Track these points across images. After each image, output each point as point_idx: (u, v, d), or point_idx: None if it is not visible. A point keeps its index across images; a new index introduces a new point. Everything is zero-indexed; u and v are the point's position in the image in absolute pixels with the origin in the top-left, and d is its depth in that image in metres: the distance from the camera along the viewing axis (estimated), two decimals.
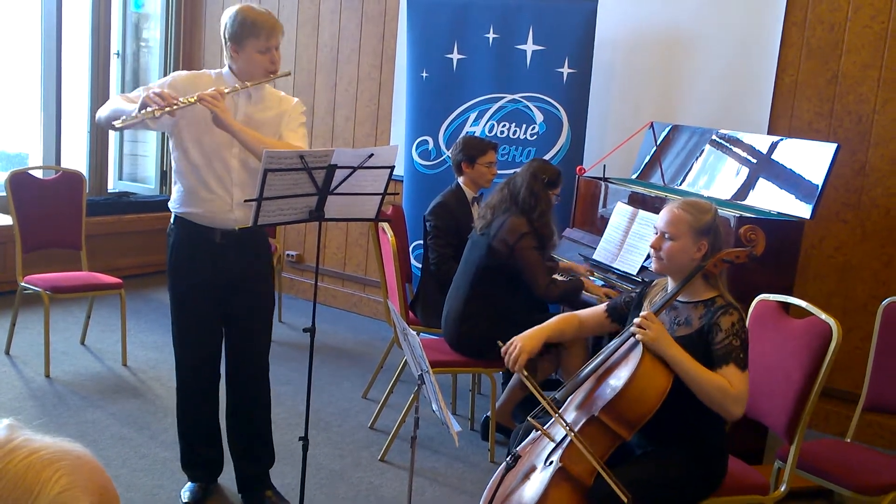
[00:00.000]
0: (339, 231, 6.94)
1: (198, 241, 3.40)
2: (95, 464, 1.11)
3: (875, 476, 3.27)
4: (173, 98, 3.10)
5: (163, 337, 5.74)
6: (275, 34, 3.30)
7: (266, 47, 3.28)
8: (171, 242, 3.48)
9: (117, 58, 7.42)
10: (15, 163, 7.38)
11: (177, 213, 3.45)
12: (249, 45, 3.27)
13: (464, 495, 3.95)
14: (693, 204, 2.89)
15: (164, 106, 3.07)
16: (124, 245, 7.06)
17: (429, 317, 4.76)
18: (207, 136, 3.29)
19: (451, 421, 2.74)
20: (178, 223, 3.46)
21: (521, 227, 4.18)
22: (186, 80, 3.35)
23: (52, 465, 1.05)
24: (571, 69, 5.31)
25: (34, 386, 4.75)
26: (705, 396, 2.69)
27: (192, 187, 3.36)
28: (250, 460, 3.65)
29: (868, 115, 4.76)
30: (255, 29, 3.25)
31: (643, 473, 2.78)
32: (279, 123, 3.39)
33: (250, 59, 3.29)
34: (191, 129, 3.32)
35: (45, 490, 1.03)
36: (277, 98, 3.46)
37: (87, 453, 1.11)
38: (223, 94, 3.17)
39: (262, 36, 3.26)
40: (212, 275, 3.41)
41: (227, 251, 3.39)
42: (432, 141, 5.77)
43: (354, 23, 6.70)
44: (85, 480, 1.07)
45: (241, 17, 3.26)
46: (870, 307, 4.65)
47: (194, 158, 3.33)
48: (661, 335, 2.73)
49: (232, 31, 3.28)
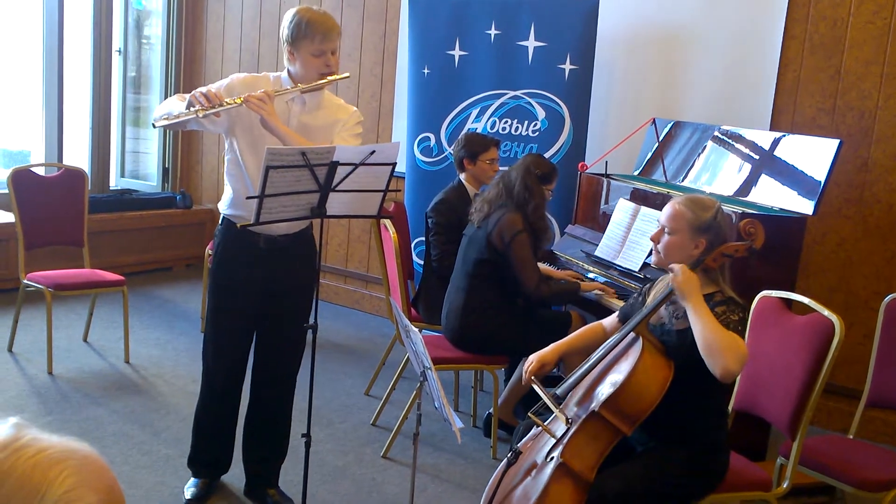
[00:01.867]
0: (341, 228, 6.94)
1: (242, 244, 3.38)
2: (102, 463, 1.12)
3: (878, 472, 3.27)
4: (219, 98, 3.09)
5: (165, 334, 5.75)
6: (330, 37, 3.23)
7: (320, 50, 3.22)
8: (217, 243, 3.47)
9: (119, 55, 7.42)
10: (17, 160, 7.39)
11: (225, 216, 3.44)
12: (304, 47, 3.22)
13: (466, 492, 3.95)
14: (695, 201, 2.89)
15: (208, 106, 3.05)
16: (127, 242, 7.06)
17: (431, 314, 4.76)
18: (261, 141, 3.24)
19: (453, 418, 2.74)
20: (225, 225, 3.45)
21: (516, 225, 4.17)
22: (244, 83, 3.31)
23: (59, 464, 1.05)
24: (573, 65, 5.30)
25: (37, 383, 4.75)
26: (711, 344, 2.61)
27: (241, 192, 3.34)
28: (262, 460, 3.65)
29: (871, 111, 4.75)
30: (310, 31, 3.20)
31: (644, 469, 2.78)
32: (332, 131, 3.35)
33: (305, 61, 3.24)
34: (245, 134, 3.30)
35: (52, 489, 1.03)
36: (335, 106, 3.42)
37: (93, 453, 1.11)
38: (271, 97, 3.13)
39: (317, 39, 3.20)
40: (252, 278, 3.39)
41: (270, 257, 3.38)
42: (434, 138, 5.77)
43: (356, 20, 6.70)
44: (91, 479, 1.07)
45: (297, 18, 3.23)
46: (872, 303, 4.64)
47: (246, 163, 3.31)
48: (689, 280, 2.71)
49: (288, 33, 3.24)
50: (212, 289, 3.51)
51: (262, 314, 3.47)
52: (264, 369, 3.58)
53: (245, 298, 3.42)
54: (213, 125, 3.30)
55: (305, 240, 3.47)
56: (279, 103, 3.24)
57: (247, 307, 3.44)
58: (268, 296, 3.43)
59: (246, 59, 7.31)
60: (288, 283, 3.44)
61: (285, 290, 3.45)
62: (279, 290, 3.43)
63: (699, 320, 2.66)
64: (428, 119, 5.78)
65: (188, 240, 7.44)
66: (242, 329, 3.50)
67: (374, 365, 5.20)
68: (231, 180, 3.40)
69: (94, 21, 7.07)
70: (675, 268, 2.76)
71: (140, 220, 7.17)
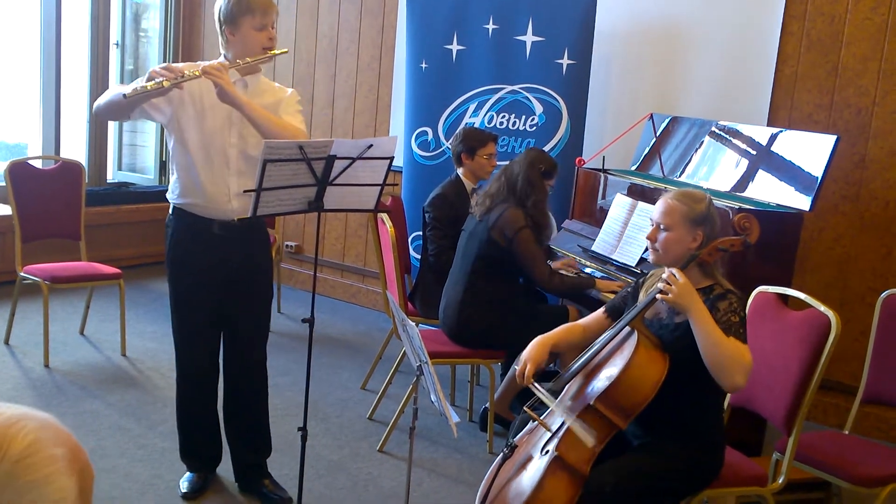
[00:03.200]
0: (338, 222, 6.94)
1: (196, 232, 3.39)
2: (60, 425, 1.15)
3: (873, 468, 3.27)
4: (179, 70, 3.09)
5: (162, 327, 5.74)
6: (270, 10, 3.27)
7: (262, 24, 3.25)
8: (170, 233, 3.47)
9: (117, 48, 7.41)
10: (14, 153, 7.38)
11: (175, 205, 3.43)
12: (245, 22, 3.23)
13: (462, 486, 3.96)
14: (687, 194, 2.89)
15: (171, 77, 3.05)
16: (123, 235, 7.06)
17: (428, 308, 4.76)
18: (205, 125, 3.28)
19: (449, 412, 2.74)
20: (176, 214, 3.45)
21: (519, 220, 4.18)
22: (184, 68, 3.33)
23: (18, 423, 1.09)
24: (571, 60, 5.30)
25: (33, 376, 4.75)
26: (718, 360, 2.64)
27: (190, 178, 3.34)
28: (247, 450, 3.66)
29: (868, 107, 4.75)
30: (251, 6, 3.22)
31: (640, 464, 2.78)
32: (277, 110, 3.36)
33: (247, 37, 3.25)
34: (188, 119, 3.31)
35: (13, 445, 1.06)
36: (274, 88, 3.45)
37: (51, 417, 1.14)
38: (226, 68, 3.16)
39: (258, 12, 3.23)
40: (210, 266, 3.40)
41: (225, 242, 3.39)
42: (431, 132, 5.76)
43: (354, 13, 6.69)
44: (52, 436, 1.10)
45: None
46: (868, 299, 4.65)
47: (191, 148, 3.31)
48: (684, 291, 2.71)
49: (226, 13, 3.26)
50: (171, 279, 3.51)
51: (223, 301, 3.48)
52: (233, 357, 3.59)
53: (205, 286, 3.43)
54: (157, 112, 3.29)
55: (258, 223, 3.46)
56: None
57: (208, 294, 3.45)
58: (226, 282, 3.43)
59: None
60: (245, 267, 3.46)
61: (243, 274, 3.45)
62: (237, 275, 3.44)
63: (701, 332, 2.67)
64: (425, 113, 5.78)
65: None
66: (206, 317, 3.50)
67: (370, 359, 5.20)
68: (177, 168, 3.38)
69: (91, 14, 7.05)
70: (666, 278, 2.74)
71: (137, 214, 7.17)
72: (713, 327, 2.66)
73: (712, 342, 2.64)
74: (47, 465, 1.08)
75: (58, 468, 1.09)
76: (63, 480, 1.09)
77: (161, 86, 3.05)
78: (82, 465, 1.13)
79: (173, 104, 3.30)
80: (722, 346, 2.64)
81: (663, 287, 2.73)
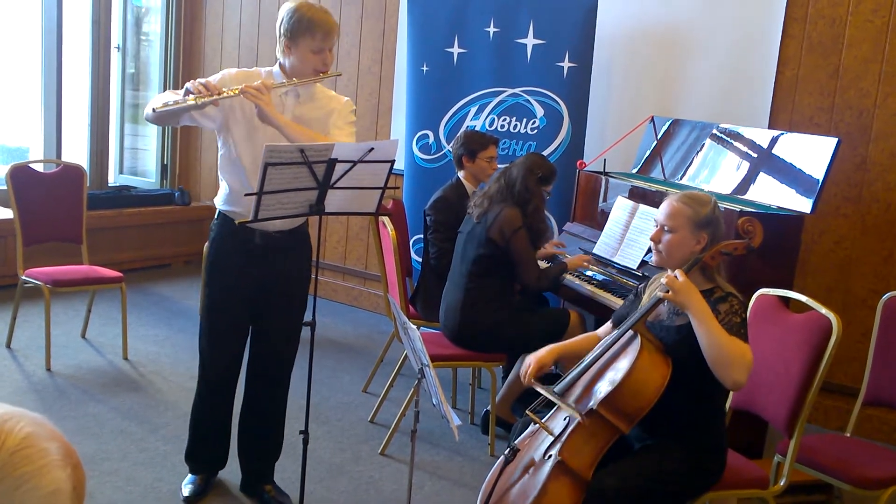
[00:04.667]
0: (339, 225, 6.94)
1: (237, 240, 3.38)
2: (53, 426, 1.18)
3: (874, 470, 3.27)
4: (217, 88, 3.10)
5: (163, 331, 5.75)
6: (331, 35, 3.25)
7: (320, 48, 3.23)
8: (212, 238, 3.47)
9: (118, 51, 7.42)
10: (16, 156, 7.38)
11: (220, 210, 3.44)
12: (304, 43, 3.22)
13: (463, 489, 3.96)
14: (692, 197, 2.89)
15: (206, 94, 3.06)
16: (125, 239, 7.06)
17: (429, 311, 4.77)
18: (256, 135, 3.27)
19: (451, 415, 2.74)
20: (220, 220, 3.45)
21: (516, 221, 4.19)
22: (236, 77, 3.31)
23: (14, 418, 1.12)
24: (572, 63, 5.30)
25: (35, 379, 4.75)
26: (720, 357, 2.64)
27: (236, 187, 3.35)
28: (257, 457, 3.66)
29: (869, 109, 4.75)
30: (312, 28, 3.20)
31: (642, 467, 2.78)
32: (327, 122, 3.35)
33: (303, 57, 3.25)
34: (239, 128, 3.31)
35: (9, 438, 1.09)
36: (327, 97, 3.43)
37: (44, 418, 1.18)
38: (269, 88, 3.15)
39: (318, 36, 3.21)
40: (247, 273, 3.39)
41: (265, 253, 3.38)
42: (433, 135, 5.77)
43: (355, 17, 6.70)
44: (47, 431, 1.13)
45: (298, 14, 3.22)
46: (869, 302, 4.65)
47: (241, 158, 3.32)
48: (685, 289, 2.71)
49: (287, 27, 3.24)
50: (207, 283, 3.51)
51: (256, 310, 3.48)
52: (259, 365, 3.58)
53: (240, 294, 3.43)
54: (206, 119, 3.30)
55: (300, 236, 3.48)
56: (273, 96, 3.24)
57: (242, 303, 3.45)
58: (263, 292, 3.43)
59: (244, 56, 7.30)
60: (283, 280, 3.45)
61: (280, 286, 3.45)
62: (274, 286, 3.43)
63: (703, 330, 2.66)
64: (426, 116, 5.78)
65: (186, 236, 7.44)
66: (237, 324, 3.50)
67: (371, 362, 5.20)
68: (226, 175, 3.40)
69: (93, 18, 7.06)
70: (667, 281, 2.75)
71: (138, 217, 7.17)
72: (715, 324, 2.66)
73: (714, 339, 2.64)
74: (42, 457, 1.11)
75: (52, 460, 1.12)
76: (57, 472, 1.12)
77: (195, 102, 3.06)
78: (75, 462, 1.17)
79: (224, 112, 3.29)
80: (724, 344, 2.64)
81: (666, 283, 2.74)
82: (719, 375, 2.67)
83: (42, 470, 1.09)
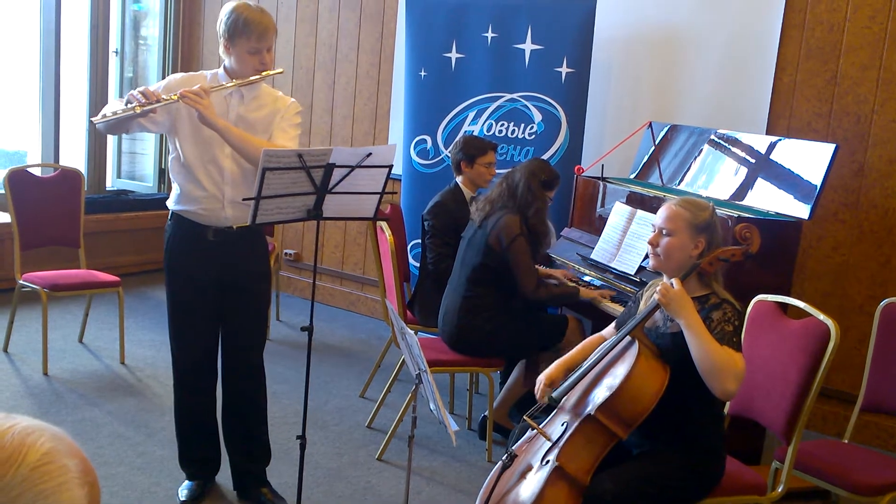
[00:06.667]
0: (337, 230, 6.94)
1: (192, 238, 3.42)
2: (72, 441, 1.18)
3: (872, 476, 3.27)
4: (157, 95, 3.13)
5: (160, 335, 5.74)
6: (266, 36, 3.27)
7: (256, 48, 3.26)
8: (167, 238, 3.51)
9: (116, 56, 7.42)
10: (14, 160, 7.38)
11: (173, 211, 3.47)
12: (240, 44, 3.25)
13: (461, 494, 3.95)
14: (691, 202, 2.89)
15: (145, 103, 3.09)
16: (122, 243, 7.06)
17: (426, 316, 4.76)
18: (201, 135, 3.30)
19: (448, 420, 2.74)
20: (174, 220, 3.49)
21: (514, 228, 4.18)
22: (180, 82, 3.35)
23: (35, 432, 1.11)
24: (570, 68, 5.31)
25: (32, 384, 4.75)
26: (709, 367, 2.64)
27: (186, 186, 3.38)
28: (246, 458, 3.66)
29: (867, 115, 4.76)
30: (247, 29, 3.22)
31: (640, 473, 2.78)
32: (271, 123, 3.38)
33: (240, 58, 3.28)
34: (185, 129, 3.34)
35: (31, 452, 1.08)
36: (273, 97, 3.45)
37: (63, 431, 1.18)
38: (207, 92, 3.16)
39: (253, 37, 3.23)
40: (206, 272, 3.42)
41: (220, 249, 3.41)
42: (430, 140, 5.77)
43: (353, 21, 6.70)
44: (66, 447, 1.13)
45: (234, 14, 3.25)
46: (867, 308, 4.65)
47: (188, 157, 3.35)
48: (677, 297, 2.71)
49: (225, 28, 3.27)
50: (168, 285, 3.54)
51: (220, 307, 3.50)
52: (230, 362, 3.59)
53: (201, 292, 3.45)
54: (154, 125, 3.34)
55: (255, 231, 3.47)
56: (217, 97, 3.27)
57: (204, 300, 3.47)
58: (223, 288, 3.45)
59: None
60: (242, 274, 3.47)
61: (240, 281, 3.47)
62: (234, 281, 3.45)
63: (693, 339, 2.67)
64: (424, 121, 5.78)
65: None
66: (203, 323, 3.52)
67: (369, 367, 5.20)
68: (176, 177, 3.42)
69: (91, 22, 7.06)
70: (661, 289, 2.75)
71: (136, 221, 7.17)
72: (704, 334, 2.67)
73: (704, 349, 2.65)
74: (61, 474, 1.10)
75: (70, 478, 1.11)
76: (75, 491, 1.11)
77: (133, 111, 3.09)
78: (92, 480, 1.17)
79: (171, 116, 3.34)
80: (713, 353, 2.64)
81: (660, 291, 2.74)
82: (709, 385, 2.68)
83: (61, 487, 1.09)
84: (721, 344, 2.68)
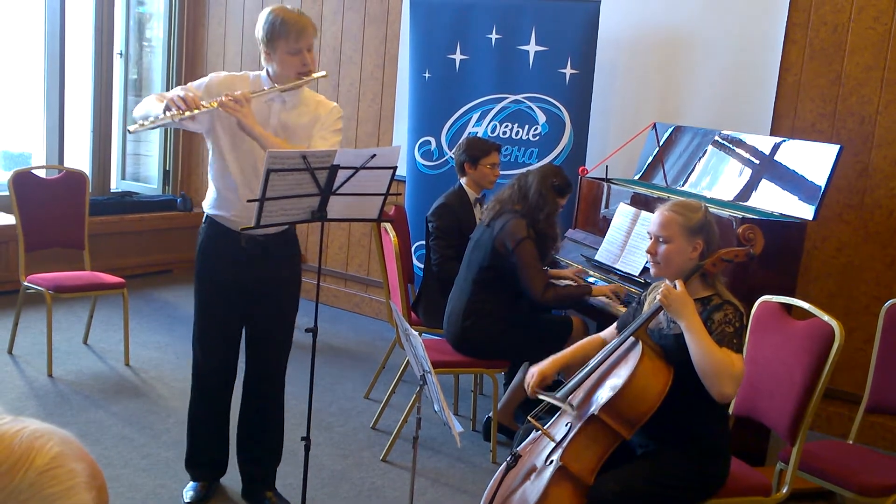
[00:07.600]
0: (341, 231, 6.94)
1: (224, 243, 3.40)
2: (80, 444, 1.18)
3: (877, 477, 3.26)
4: (196, 102, 3.09)
5: (165, 337, 5.75)
6: (305, 34, 3.23)
7: (296, 49, 3.22)
8: (199, 242, 3.49)
9: (120, 57, 7.43)
10: (18, 162, 7.40)
11: (208, 215, 3.45)
12: (280, 46, 3.22)
13: (465, 496, 3.95)
14: (682, 204, 2.89)
15: (185, 109, 3.06)
16: (127, 245, 7.06)
17: (431, 317, 4.76)
18: (241, 142, 3.27)
19: (452, 421, 2.74)
20: (208, 223, 3.47)
21: (520, 232, 4.16)
22: (222, 82, 3.32)
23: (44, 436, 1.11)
24: (574, 70, 5.31)
25: (37, 385, 4.75)
26: (706, 369, 2.66)
27: (223, 191, 3.36)
28: (258, 462, 3.65)
29: (871, 116, 4.75)
30: (284, 29, 3.20)
31: (644, 473, 2.78)
32: (312, 129, 3.35)
33: (281, 60, 3.24)
34: (227, 134, 3.31)
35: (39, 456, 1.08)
36: (315, 102, 3.41)
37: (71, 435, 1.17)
38: (248, 99, 3.14)
39: (292, 37, 3.20)
40: (235, 278, 3.40)
41: (252, 256, 3.39)
42: (434, 141, 5.77)
43: (357, 23, 6.71)
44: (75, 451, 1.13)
45: (271, 16, 3.23)
46: (872, 308, 4.64)
47: (228, 163, 3.33)
48: (677, 299, 2.72)
49: (263, 34, 3.24)
50: (196, 288, 3.52)
51: (247, 314, 3.49)
52: (254, 368, 3.59)
53: (229, 297, 3.44)
54: (194, 125, 3.31)
55: (288, 239, 3.48)
56: (259, 103, 3.25)
57: (232, 307, 3.46)
58: (252, 295, 3.44)
59: (247, 62, 7.31)
60: (271, 283, 3.46)
61: (269, 289, 3.46)
62: (263, 289, 3.44)
63: (692, 341, 2.69)
64: (429, 123, 5.78)
65: (188, 242, 7.38)
66: (228, 328, 3.52)
67: (373, 368, 5.20)
68: (213, 180, 3.41)
69: (95, 24, 7.08)
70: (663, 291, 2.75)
71: (140, 223, 7.17)
72: (703, 337, 2.67)
73: (702, 351, 2.66)
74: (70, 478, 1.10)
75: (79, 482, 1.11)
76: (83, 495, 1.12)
77: (172, 119, 3.06)
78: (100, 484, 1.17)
79: (211, 119, 3.30)
80: (711, 356, 2.65)
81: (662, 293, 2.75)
82: (707, 386, 2.69)
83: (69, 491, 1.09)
84: (721, 345, 2.68)
